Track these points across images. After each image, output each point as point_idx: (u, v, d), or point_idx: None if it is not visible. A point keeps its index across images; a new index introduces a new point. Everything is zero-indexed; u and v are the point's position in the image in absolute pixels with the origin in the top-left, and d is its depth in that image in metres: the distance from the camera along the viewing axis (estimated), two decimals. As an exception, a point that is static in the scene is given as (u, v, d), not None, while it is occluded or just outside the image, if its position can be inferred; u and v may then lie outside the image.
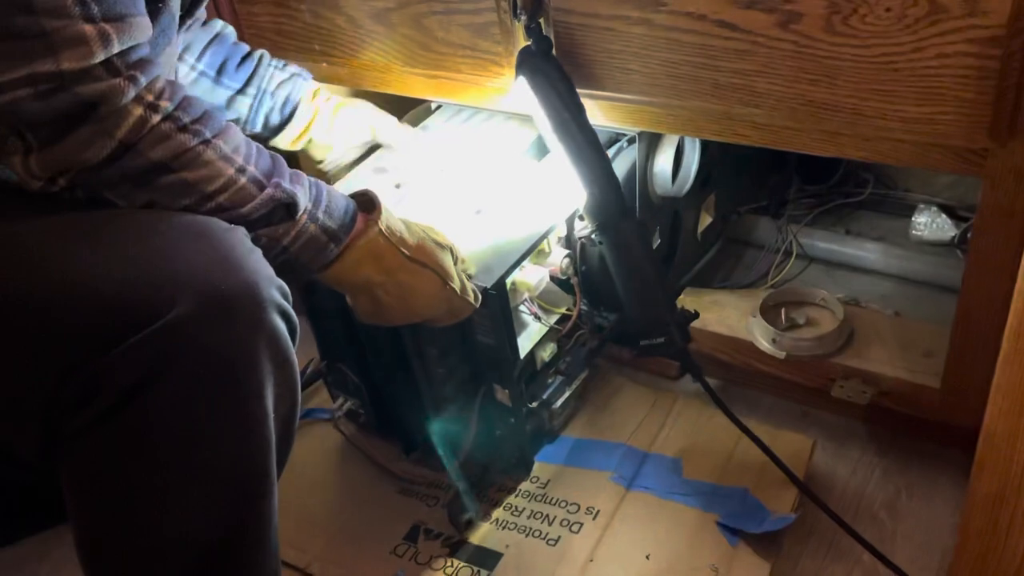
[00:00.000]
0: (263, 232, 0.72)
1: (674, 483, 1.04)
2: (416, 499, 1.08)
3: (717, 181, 1.26)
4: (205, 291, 0.62)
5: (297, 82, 1.04)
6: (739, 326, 1.09)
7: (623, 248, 0.94)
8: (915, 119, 0.78)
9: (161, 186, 0.67)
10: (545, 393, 1.05)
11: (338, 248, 0.77)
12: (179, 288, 0.61)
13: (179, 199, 0.68)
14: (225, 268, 0.64)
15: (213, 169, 0.68)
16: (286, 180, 0.73)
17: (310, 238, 0.75)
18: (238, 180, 0.70)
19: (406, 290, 0.81)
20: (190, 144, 0.67)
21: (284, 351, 0.68)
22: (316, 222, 0.75)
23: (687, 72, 0.88)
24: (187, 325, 0.61)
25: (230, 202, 0.69)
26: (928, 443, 1.04)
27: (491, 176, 1.04)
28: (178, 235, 0.65)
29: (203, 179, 0.68)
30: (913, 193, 1.40)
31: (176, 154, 0.66)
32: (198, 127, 0.68)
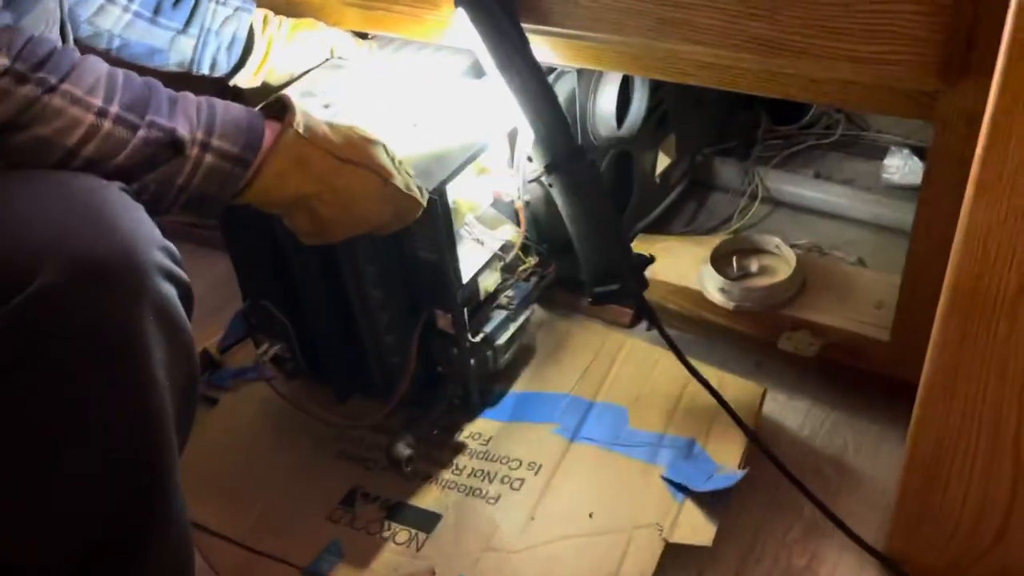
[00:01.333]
0: (151, 177, 0.66)
1: (619, 433, 1.02)
2: (355, 462, 1.04)
3: (676, 121, 1.21)
4: (72, 257, 0.57)
5: (242, 17, 0.99)
6: (691, 274, 1.06)
7: (574, 190, 0.89)
8: (864, 59, 0.74)
9: (16, 147, 0.61)
10: (488, 327, 1.01)
11: (247, 171, 0.70)
12: (41, 254, 0.57)
13: (42, 158, 0.62)
14: (94, 230, 0.59)
15: (67, 118, 0.62)
16: (163, 114, 0.66)
17: (209, 169, 0.68)
18: (101, 125, 0.63)
19: (344, 196, 0.75)
20: (34, 95, 0.61)
21: (172, 316, 0.63)
22: (211, 150, 0.68)
23: (630, 6, 0.83)
24: (54, 296, 0.57)
25: (100, 152, 0.63)
26: (878, 397, 1.01)
27: (426, 96, 0.99)
28: (40, 194, 0.60)
29: (59, 131, 0.62)
30: (885, 134, 1.36)
31: (20, 109, 0.60)
32: (42, 75, 0.61)
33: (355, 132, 0.77)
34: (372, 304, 0.93)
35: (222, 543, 0.98)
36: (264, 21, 1.01)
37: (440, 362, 1.00)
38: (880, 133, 1.36)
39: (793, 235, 1.19)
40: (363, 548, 0.95)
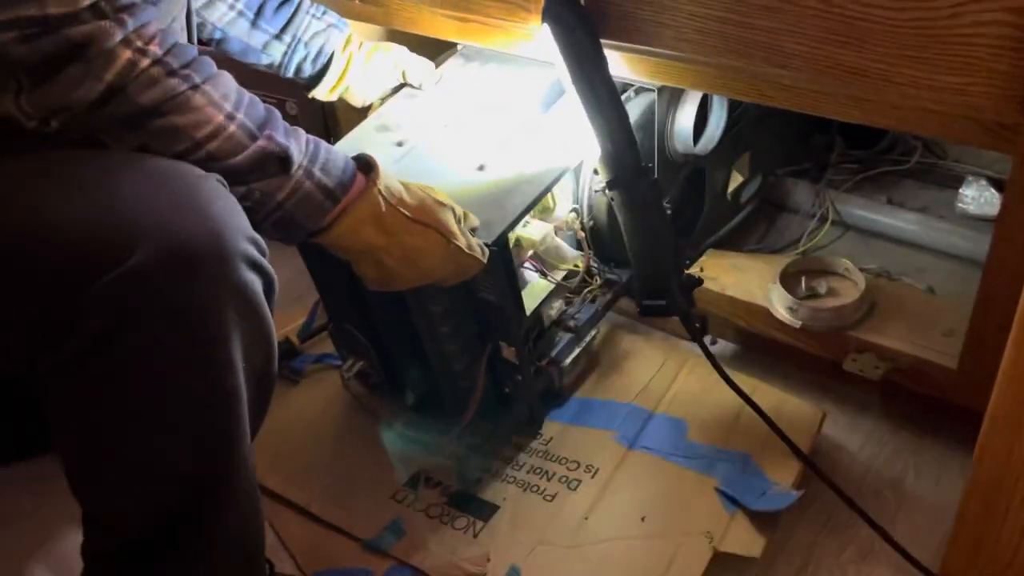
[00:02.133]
0: (257, 186, 0.71)
1: (676, 445, 1.04)
2: (420, 447, 1.09)
3: (751, 140, 1.22)
4: (165, 239, 0.61)
5: (332, 33, 1.04)
6: (758, 292, 1.07)
7: (633, 206, 0.92)
8: (945, 88, 0.75)
9: (152, 131, 0.67)
10: (553, 351, 1.04)
11: (335, 206, 0.76)
12: (139, 234, 0.61)
13: (171, 145, 0.68)
14: (188, 215, 0.63)
15: (202, 115, 0.68)
16: (280, 133, 0.72)
17: (305, 195, 0.74)
18: (227, 127, 0.69)
19: (411, 252, 0.80)
20: (179, 89, 0.67)
21: (253, 304, 0.67)
22: (312, 179, 0.74)
23: (715, 28, 0.85)
24: (148, 273, 0.61)
25: (221, 150, 0.69)
26: (942, 424, 1.01)
27: (496, 129, 1.02)
28: (145, 178, 0.65)
29: (192, 124, 0.67)
30: (962, 164, 1.34)
31: (165, 98, 0.66)
32: (188, 72, 0.67)
33: (428, 194, 0.82)
34: (440, 337, 0.97)
35: (289, 512, 1.03)
36: (347, 41, 1.06)
37: (506, 386, 1.04)
38: (957, 162, 1.35)
39: (862, 259, 1.19)
40: (423, 529, 0.99)
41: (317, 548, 0.99)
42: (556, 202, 1.00)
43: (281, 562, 0.98)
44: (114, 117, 0.65)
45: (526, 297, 0.98)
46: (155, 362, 0.64)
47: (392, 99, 1.10)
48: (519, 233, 0.95)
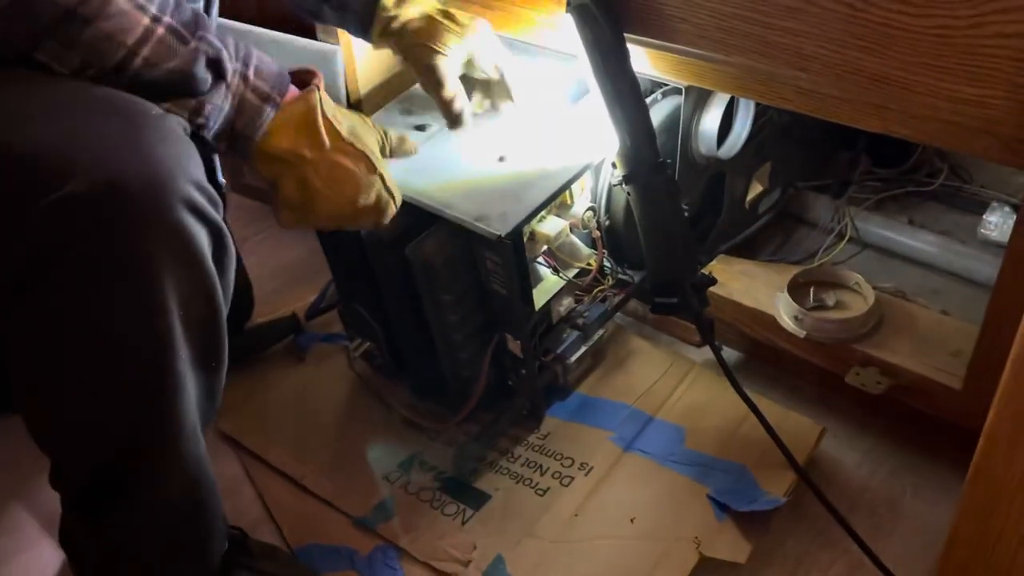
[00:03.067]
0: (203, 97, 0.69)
1: (673, 450, 1.03)
2: (417, 430, 1.09)
3: (774, 151, 1.21)
4: (102, 173, 0.60)
5: None
6: (766, 300, 1.06)
7: (649, 202, 0.92)
8: (965, 100, 0.73)
9: (83, 42, 0.64)
10: (560, 347, 1.04)
11: (274, 110, 0.73)
12: (76, 164, 0.60)
13: (107, 56, 0.65)
14: (132, 153, 0.61)
15: (126, 19, 0.65)
16: (212, 36, 0.70)
17: (242, 101, 0.72)
18: (156, 29, 0.66)
19: (338, 172, 0.77)
20: None
21: (190, 251, 0.65)
22: (247, 83, 0.72)
23: (737, 26, 0.84)
24: (77, 206, 0.59)
25: (155, 55, 0.66)
26: (943, 445, 1.00)
27: (520, 120, 1.02)
28: (94, 111, 0.63)
29: (120, 30, 0.65)
30: (988, 190, 1.32)
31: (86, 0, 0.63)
32: None
33: (361, 119, 0.81)
34: (448, 325, 0.97)
35: (282, 484, 1.04)
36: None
37: (510, 378, 1.04)
38: (982, 188, 1.32)
39: (878, 278, 1.18)
40: (413, 511, 0.99)
41: (305, 521, 0.99)
42: (574, 199, 0.99)
43: (266, 534, 0.98)
44: (34, 17, 0.62)
45: (537, 292, 0.98)
46: (82, 296, 0.62)
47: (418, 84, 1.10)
48: (534, 227, 0.94)
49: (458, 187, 0.93)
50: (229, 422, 1.10)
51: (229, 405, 0.93)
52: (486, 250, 0.91)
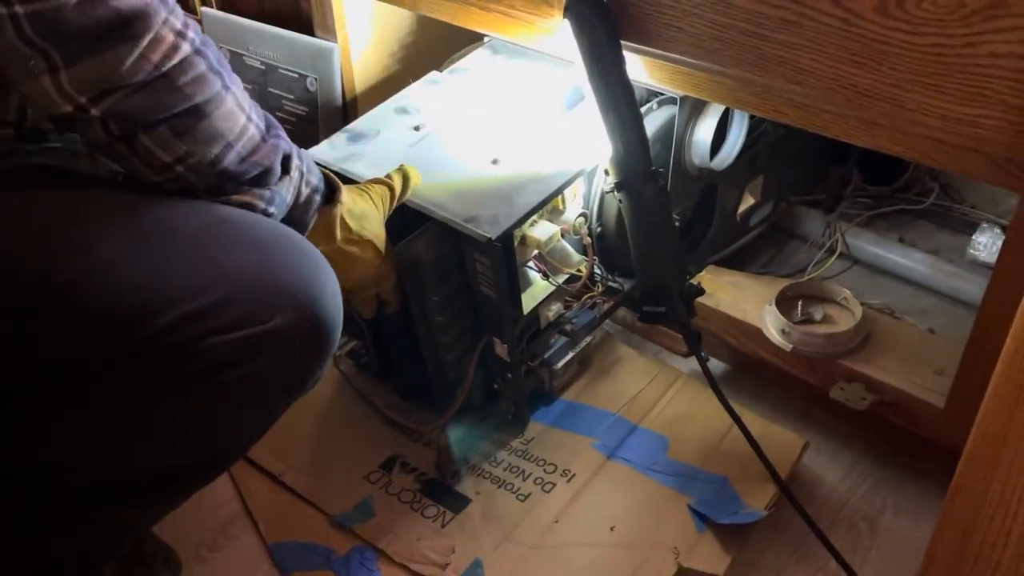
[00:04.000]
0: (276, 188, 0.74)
1: (656, 460, 1.03)
2: (399, 431, 1.08)
3: (767, 164, 1.21)
4: (300, 309, 0.68)
5: None
6: (753, 312, 1.06)
7: (640, 210, 0.92)
8: (957, 119, 0.74)
9: (197, 133, 0.67)
10: (547, 353, 1.04)
11: (321, 199, 0.79)
12: (280, 300, 0.67)
13: (209, 147, 0.68)
14: (315, 289, 0.70)
15: (233, 117, 0.69)
16: (281, 131, 0.75)
17: (299, 191, 0.77)
18: (248, 128, 0.71)
19: (347, 260, 0.84)
20: (217, 87, 0.67)
21: (327, 366, 0.74)
22: (303, 176, 0.77)
23: (733, 38, 0.84)
24: (281, 334, 0.67)
25: (246, 150, 0.71)
26: (925, 463, 1.00)
27: (515, 124, 1.02)
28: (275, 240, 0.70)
29: (227, 127, 0.69)
30: (978, 210, 1.33)
31: (208, 95, 0.67)
32: (221, 69, 0.68)
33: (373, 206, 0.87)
34: (435, 326, 0.97)
35: (262, 480, 1.03)
36: None
37: (496, 382, 1.04)
38: (973, 208, 1.33)
39: (867, 294, 1.18)
40: (392, 512, 0.98)
41: (283, 517, 0.99)
42: (566, 205, 0.99)
43: (243, 529, 0.97)
44: (160, 107, 0.65)
45: (526, 297, 0.97)
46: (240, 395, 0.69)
47: (415, 83, 1.10)
48: (526, 231, 0.94)
49: (450, 188, 0.93)
50: (211, 416, 1.09)
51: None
52: (476, 252, 0.91)
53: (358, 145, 1.00)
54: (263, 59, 1.33)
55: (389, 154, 0.98)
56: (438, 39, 1.30)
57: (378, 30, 1.29)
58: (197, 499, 0.99)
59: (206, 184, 0.70)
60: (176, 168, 0.68)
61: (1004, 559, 0.72)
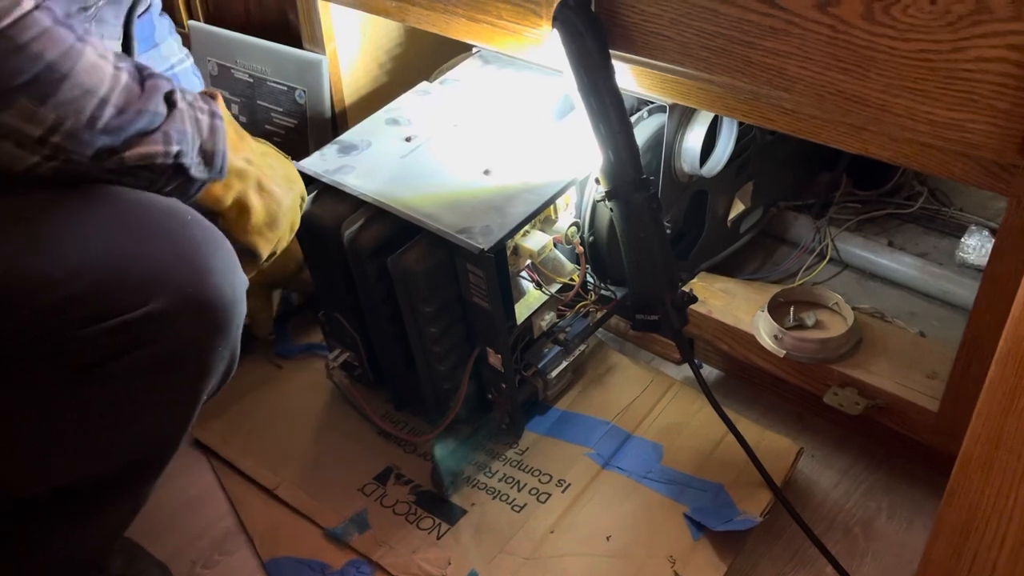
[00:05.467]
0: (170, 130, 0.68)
1: (651, 468, 1.02)
2: (394, 442, 1.08)
3: (758, 171, 1.22)
4: (179, 290, 0.65)
5: None
6: (745, 318, 1.06)
7: (631, 218, 0.92)
8: (944, 123, 0.74)
9: (60, 97, 0.61)
10: (541, 362, 1.04)
11: (222, 123, 0.73)
12: (155, 285, 0.65)
13: (82, 110, 0.63)
14: (199, 267, 0.67)
15: (99, 69, 0.63)
16: (152, 69, 0.69)
17: (197, 120, 0.71)
18: (120, 77, 0.65)
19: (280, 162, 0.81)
20: (70, 40, 0.62)
21: (235, 345, 0.72)
22: (191, 104, 0.71)
23: (721, 46, 0.85)
24: (161, 319, 0.65)
25: (123, 101, 0.65)
26: (920, 467, 1.00)
27: (505, 134, 1.02)
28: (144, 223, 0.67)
29: (96, 81, 0.63)
30: (966, 214, 1.33)
31: (61, 51, 0.61)
32: (70, 23, 0.62)
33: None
34: (428, 337, 0.97)
35: (256, 495, 1.02)
36: None
37: (490, 392, 1.03)
38: (961, 211, 1.34)
39: (857, 299, 1.18)
40: (387, 524, 0.98)
41: (278, 532, 0.98)
42: (558, 214, 0.99)
43: (238, 545, 0.97)
44: (8, 73, 0.59)
45: (519, 307, 0.97)
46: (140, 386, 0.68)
47: (405, 94, 1.10)
48: (518, 241, 0.94)
49: (442, 199, 0.93)
50: (204, 430, 1.09)
51: (205, 413, 0.91)
52: (469, 263, 0.91)
53: (349, 157, 1.00)
54: (251, 72, 1.33)
55: (380, 165, 0.98)
56: (427, 50, 1.31)
57: (366, 42, 1.29)
58: (191, 515, 1.00)
59: (92, 149, 0.64)
60: (52, 139, 0.62)
61: (1000, 562, 0.72)
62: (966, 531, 0.72)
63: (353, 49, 1.28)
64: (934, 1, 0.70)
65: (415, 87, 1.12)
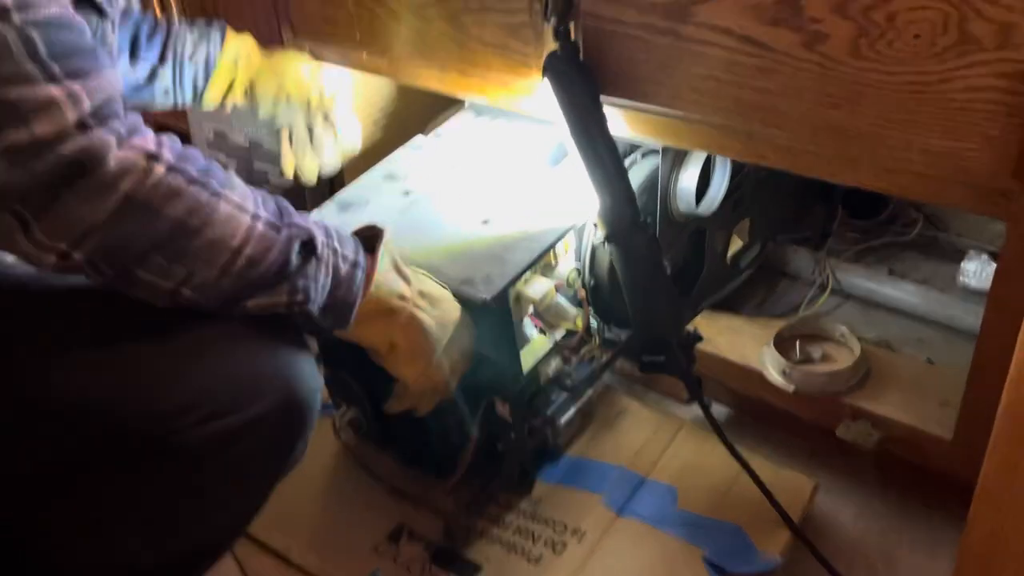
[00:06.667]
0: (299, 281, 0.71)
1: (666, 512, 1.01)
2: (405, 500, 1.06)
3: (753, 206, 1.22)
4: (276, 396, 0.71)
5: (213, 36, 1.01)
6: (752, 355, 1.06)
7: (631, 260, 0.92)
8: (938, 152, 0.75)
9: (192, 252, 0.65)
10: (549, 409, 1.03)
11: (363, 273, 0.75)
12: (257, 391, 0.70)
13: (213, 263, 0.66)
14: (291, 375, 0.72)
15: (232, 224, 0.66)
16: (296, 216, 0.72)
17: (335, 270, 0.73)
18: (256, 227, 0.67)
19: (439, 294, 0.84)
20: (202, 198, 0.64)
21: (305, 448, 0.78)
22: (336, 253, 0.73)
23: (711, 87, 0.86)
24: (258, 420, 0.70)
25: (257, 253, 0.67)
26: (938, 497, 0.99)
27: (502, 184, 1.03)
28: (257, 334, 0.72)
29: (228, 235, 0.66)
30: (964, 238, 1.34)
31: (192, 209, 0.64)
32: (206, 179, 0.65)
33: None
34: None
35: (267, 558, 1.01)
36: (226, 40, 1.03)
37: (499, 443, 1.02)
38: (959, 236, 1.34)
39: (862, 329, 1.18)
40: (402, 585, 0.96)
41: (291, 599, 0.96)
42: (559, 260, 1.00)
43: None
44: (144, 236, 0.63)
45: (525, 355, 0.97)
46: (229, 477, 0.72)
47: (400, 149, 1.11)
48: (520, 289, 0.94)
49: (442, 251, 0.93)
50: (212, 497, 1.08)
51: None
52: (472, 313, 0.91)
53: (348, 213, 1.00)
54: (247, 135, 1.34)
55: (380, 221, 0.98)
56: (420, 104, 1.32)
57: (360, 99, 1.31)
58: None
59: (220, 298, 0.68)
60: (183, 292, 0.66)
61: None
62: (988, 559, 0.71)
63: (347, 107, 1.29)
64: (918, 35, 0.71)
65: (410, 142, 1.13)
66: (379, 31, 1.11)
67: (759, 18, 0.78)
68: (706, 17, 0.82)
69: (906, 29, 0.71)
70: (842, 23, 0.74)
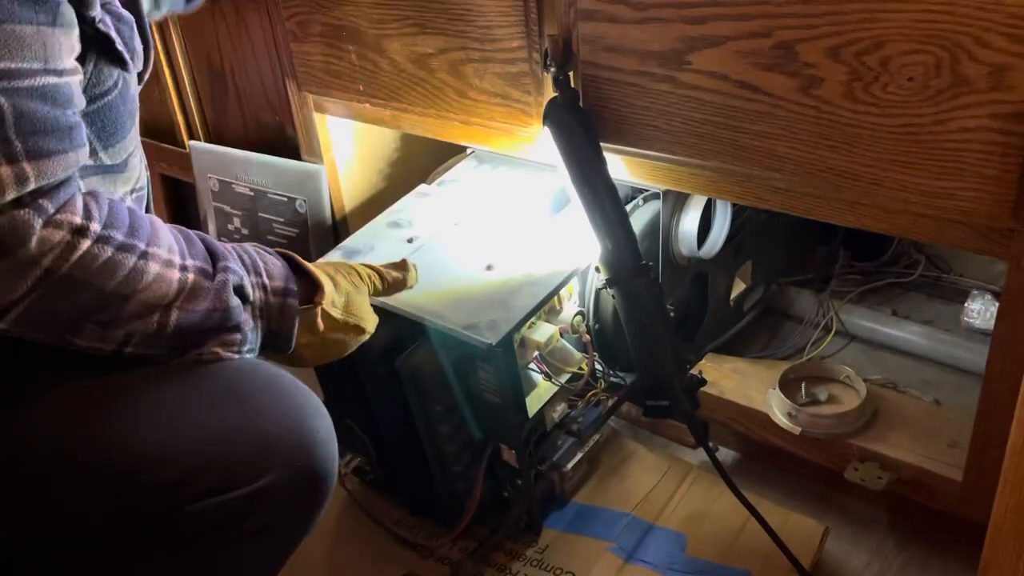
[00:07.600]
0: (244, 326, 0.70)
1: (675, 559, 1.00)
2: (410, 548, 1.05)
3: (755, 249, 1.23)
4: (290, 464, 0.68)
5: None
6: (758, 397, 1.05)
7: (634, 304, 0.92)
8: (936, 193, 0.75)
9: (126, 316, 0.65)
10: (555, 455, 1.02)
11: (295, 300, 0.74)
12: (266, 458, 0.67)
13: (149, 322, 0.66)
14: (304, 439, 0.70)
15: (163, 278, 0.66)
16: (229, 260, 0.71)
17: (269, 307, 0.73)
18: (187, 278, 0.67)
19: (330, 345, 0.81)
20: (131, 262, 0.64)
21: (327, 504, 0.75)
22: (266, 290, 0.73)
23: (709, 132, 0.87)
24: (272, 492, 0.67)
25: (190, 303, 0.67)
26: (950, 539, 0.97)
27: (505, 230, 1.04)
28: (257, 391, 0.70)
29: (160, 295, 0.66)
30: (967, 278, 1.34)
31: (121, 278, 0.64)
32: (132, 241, 0.65)
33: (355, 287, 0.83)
34: (440, 437, 0.96)
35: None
36: None
37: (506, 489, 1.02)
38: (962, 276, 1.34)
39: (867, 370, 1.18)
40: (408, 636, 0.95)
41: (296, 653, 0.95)
42: (563, 304, 1.00)
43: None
44: (72, 307, 0.63)
45: (530, 400, 0.97)
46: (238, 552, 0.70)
47: (404, 197, 1.12)
48: (525, 334, 0.94)
49: (447, 297, 0.93)
50: (216, 549, 1.07)
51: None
52: (477, 359, 0.91)
53: (353, 261, 1.01)
54: (252, 186, 1.35)
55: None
56: (423, 153, 1.34)
57: (363, 149, 1.33)
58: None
59: (165, 350, 0.68)
60: (126, 350, 0.66)
61: (1046, 634, 0.69)
62: (1005, 605, 0.70)
63: (350, 157, 1.31)
64: (911, 78, 0.73)
65: (413, 190, 1.14)
66: (382, 82, 1.13)
67: (754, 63, 0.80)
68: (702, 64, 0.83)
69: (900, 72, 0.73)
70: (836, 67, 0.75)
